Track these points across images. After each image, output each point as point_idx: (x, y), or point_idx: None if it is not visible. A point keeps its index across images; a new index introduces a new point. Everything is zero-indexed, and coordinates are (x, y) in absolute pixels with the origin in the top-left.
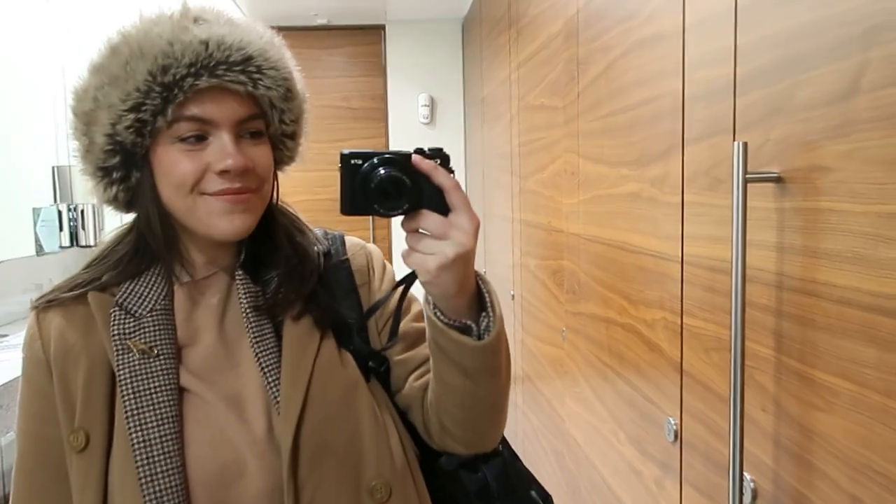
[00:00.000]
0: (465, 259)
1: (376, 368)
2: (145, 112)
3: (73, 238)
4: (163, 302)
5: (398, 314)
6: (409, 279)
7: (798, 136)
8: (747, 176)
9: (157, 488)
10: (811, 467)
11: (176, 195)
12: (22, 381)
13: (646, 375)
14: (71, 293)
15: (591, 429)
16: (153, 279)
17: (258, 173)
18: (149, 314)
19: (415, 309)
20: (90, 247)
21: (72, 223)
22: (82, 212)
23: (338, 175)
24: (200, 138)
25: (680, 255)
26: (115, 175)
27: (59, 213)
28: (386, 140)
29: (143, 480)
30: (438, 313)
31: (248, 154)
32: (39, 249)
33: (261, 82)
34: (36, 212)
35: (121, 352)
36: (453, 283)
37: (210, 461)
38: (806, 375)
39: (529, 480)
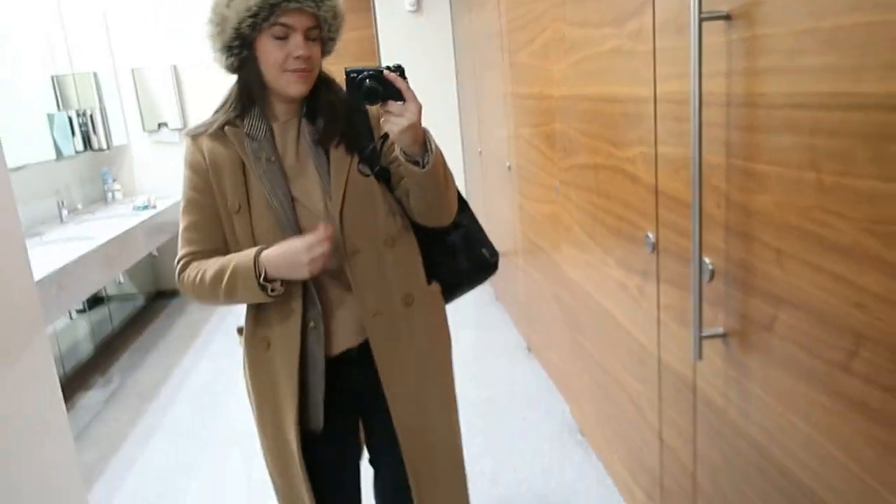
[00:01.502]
0: (414, 125)
1: (382, 175)
2: (258, 17)
3: (86, 142)
4: (268, 133)
5: (382, 149)
6: (386, 136)
7: None
8: (702, 15)
9: (287, 223)
10: (750, 238)
11: (269, 70)
12: (186, 176)
13: (628, 204)
14: (211, 128)
15: (585, 264)
16: (260, 120)
17: (313, 61)
18: (264, 139)
19: None
20: (103, 150)
21: (82, 128)
22: (91, 116)
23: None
24: (286, 37)
25: (653, 95)
26: (234, 51)
27: (70, 119)
28: (374, 30)
29: (283, 219)
30: (403, 154)
31: (310, 48)
32: (58, 154)
33: (322, 7)
34: (50, 118)
35: (255, 160)
36: (409, 138)
37: (304, 218)
38: (747, 170)
39: (483, 243)
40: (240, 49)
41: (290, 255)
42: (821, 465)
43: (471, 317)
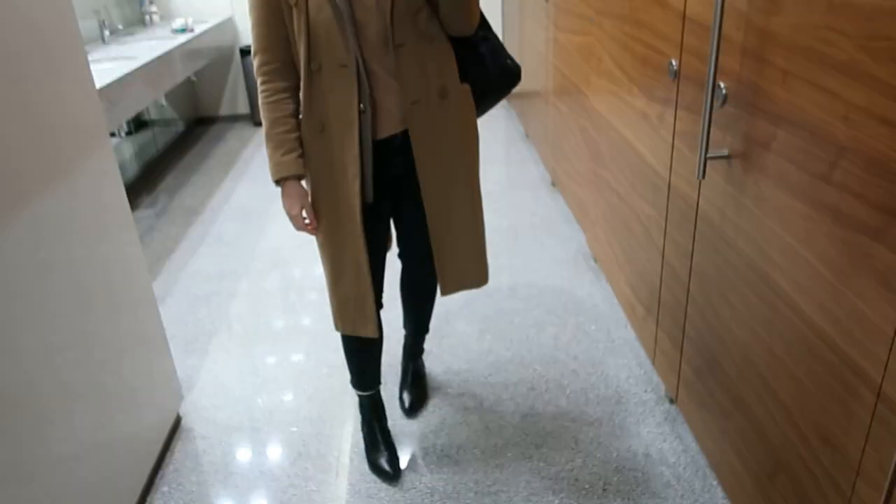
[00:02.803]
0: None
1: None
2: None
3: None
4: None
5: None
6: None
7: None
8: None
9: (345, 14)
10: (763, 61)
11: None
12: None
13: (657, 31)
14: None
15: (611, 94)
16: None
17: None
18: None
19: None
20: None
21: None
22: None
23: None
24: None
25: None
26: None
27: None
28: None
29: (342, 10)
30: None
31: None
32: None
33: None
34: None
35: None
36: None
37: (358, 11)
38: None
39: (507, 55)
40: None
41: (287, 208)
42: (795, 268)
43: (501, 153)
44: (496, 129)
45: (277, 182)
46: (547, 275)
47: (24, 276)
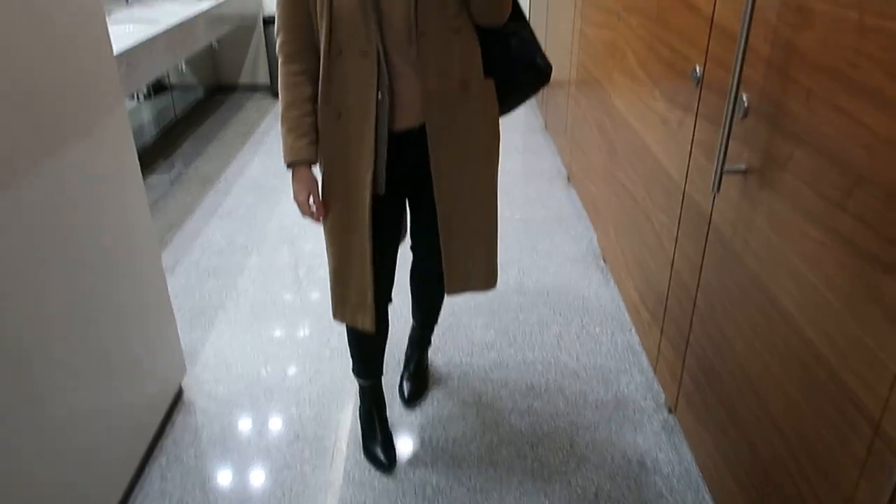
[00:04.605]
0: None
1: None
2: None
3: None
4: None
5: None
6: None
7: None
8: None
9: (367, 7)
10: (787, 77)
11: None
12: None
13: (683, 35)
14: None
15: (632, 94)
16: None
17: None
18: None
19: None
20: None
21: None
22: None
23: None
24: None
25: None
26: None
27: None
28: None
29: (359, 5)
30: None
31: None
32: None
33: None
34: None
35: None
36: None
37: (384, 6)
38: (800, 5)
39: (538, 52)
40: None
41: (295, 193)
42: (802, 292)
43: (518, 143)
44: (515, 118)
45: (289, 165)
46: (555, 272)
47: (29, 238)
